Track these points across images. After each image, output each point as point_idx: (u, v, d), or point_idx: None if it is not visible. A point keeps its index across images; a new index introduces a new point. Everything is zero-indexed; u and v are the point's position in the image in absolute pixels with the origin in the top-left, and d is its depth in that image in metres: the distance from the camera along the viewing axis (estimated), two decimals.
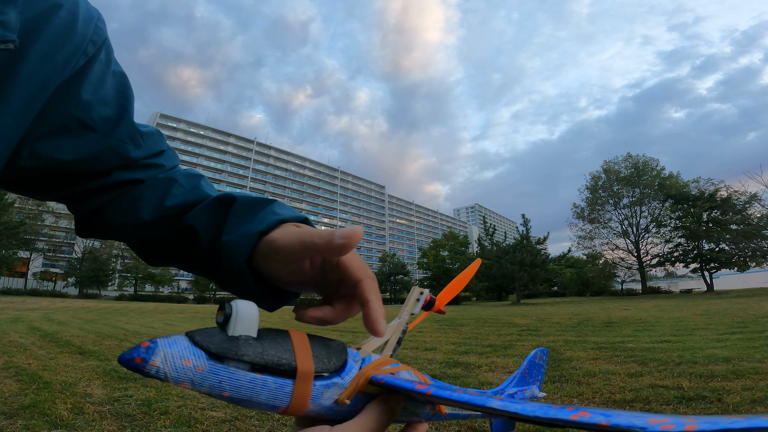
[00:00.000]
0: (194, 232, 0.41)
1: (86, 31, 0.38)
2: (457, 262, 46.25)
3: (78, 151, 0.41)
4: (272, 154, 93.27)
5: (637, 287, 37.31)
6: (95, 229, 0.48)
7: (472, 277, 0.67)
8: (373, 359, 0.36)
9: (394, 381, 0.32)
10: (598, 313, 11.75)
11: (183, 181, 0.47)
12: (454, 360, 4.63)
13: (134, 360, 0.24)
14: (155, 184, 0.46)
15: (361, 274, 0.36)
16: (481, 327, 8.63)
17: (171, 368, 0.25)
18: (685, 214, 31.12)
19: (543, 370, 0.87)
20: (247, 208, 0.40)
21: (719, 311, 9.95)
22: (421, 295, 0.49)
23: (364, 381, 0.32)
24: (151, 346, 0.25)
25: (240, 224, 0.38)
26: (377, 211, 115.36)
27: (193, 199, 0.45)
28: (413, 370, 0.40)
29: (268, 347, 0.28)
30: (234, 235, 0.37)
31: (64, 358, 4.80)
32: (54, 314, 13.35)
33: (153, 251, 0.48)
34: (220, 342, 0.27)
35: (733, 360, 3.80)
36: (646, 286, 34.43)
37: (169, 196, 0.45)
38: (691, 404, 2.64)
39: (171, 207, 0.44)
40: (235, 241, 0.37)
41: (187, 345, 0.26)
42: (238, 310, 0.28)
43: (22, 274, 46.13)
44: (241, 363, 0.27)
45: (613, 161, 38.24)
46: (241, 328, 0.28)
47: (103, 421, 2.53)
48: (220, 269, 0.39)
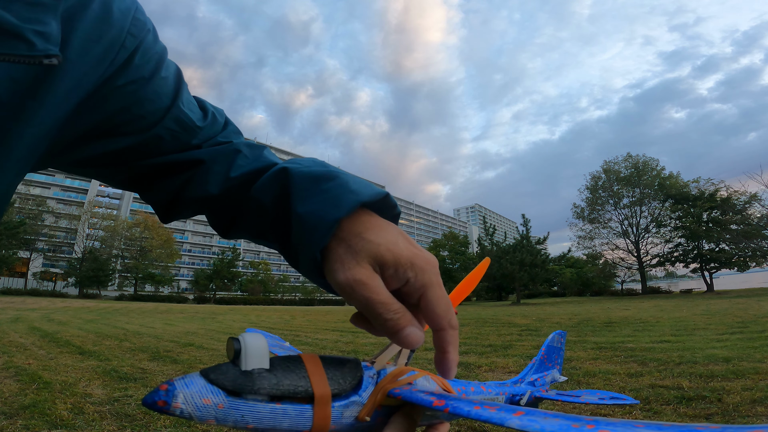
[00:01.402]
0: (261, 206, 0.39)
1: (123, 24, 0.36)
2: (457, 262, 46.24)
3: (120, 143, 0.40)
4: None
5: (637, 287, 37.31)
6: (175, 213, 0.48)
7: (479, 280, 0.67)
8: (389, 371, 0.36)
9: (411, 396, 0.32)
10: (598, 313, 11.75)
11: (247, 152, 0.45)
12: None
13: (157, 404, 0.25)
14: (219, 158, 0.45)
15: (445, 323, 0.33)
16: (481, 327, 8.63)
17: (193, 408, 0.26)
18: (685, 214, 31.12)
19: (562, 353, 0.87)
20: (312, 181, 0.35)
21: (719, 311, 9.95)
22: None
23: (382, 395, 0.33)
24: (170, 388, 0.25)
25: (311, 200, 0.34)
26: None
27: (257, 167, 0.43)
28: (431, 375, 0.40)
29: (282, 377, 0.29)
30: (306, 209, 0.33)
31: (64, 358, 4.80)
32: (54, 314, 13.35)
33: (227, 224, 0.47)
34: (235, 378, 0.27)
35: (733, 360, 3.80)
36: (646, 286, 34.43)
37: (234, 166, 0.43)
38: (691, 404, 2.64)
39: (237, 177, 0.42)
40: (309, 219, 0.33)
41: (204, 384, 0.27)
42: (247, 345, 0.28)
43: (22, 274, 46.12)
44: (259, 395, 0.28)
45: (613, 161, 38.27)
46: (253, 362, 0.28)
47: (103, 421, 2.53)
48: (290, 245, 0.36)
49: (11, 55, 0.26)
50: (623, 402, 0.71)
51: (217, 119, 0.49)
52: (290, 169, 0.37)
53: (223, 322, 11.43)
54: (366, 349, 5.71)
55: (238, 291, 52.97)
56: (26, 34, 0.27)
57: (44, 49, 0.28)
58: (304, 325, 10.76)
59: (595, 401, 0.71)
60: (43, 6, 0.28)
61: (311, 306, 37.20)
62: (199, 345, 6.24)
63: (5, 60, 0.26)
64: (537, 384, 0.72)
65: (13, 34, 0.26)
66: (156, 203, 0.48)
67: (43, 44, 0.28)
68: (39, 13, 0.28)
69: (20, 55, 0.27)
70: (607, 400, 0.71)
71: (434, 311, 0.33)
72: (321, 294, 62.76)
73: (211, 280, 47.44)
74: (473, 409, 0.29)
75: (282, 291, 57.56)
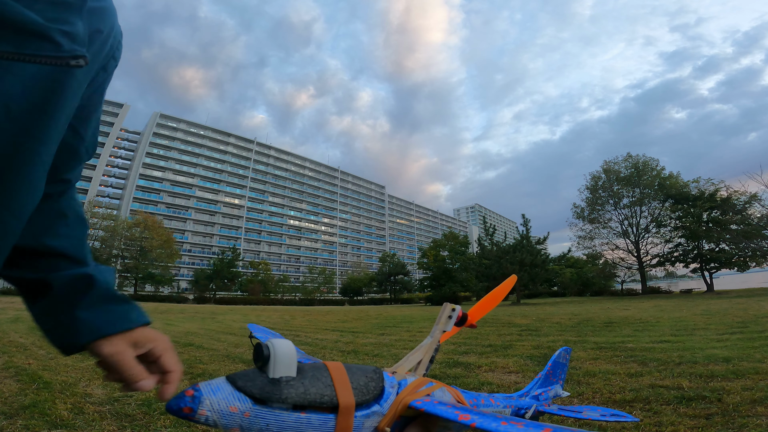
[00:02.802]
0: (49, 289, 0.43)
1: (113, 45, 0.36)
2: (457, 262, 46.23)
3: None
4: (272, 154, 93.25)
5: (637, 287, 37.30)
6: None
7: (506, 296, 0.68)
8: (409, 382, 0.37)
9: (435, 409, 0.33)
10: (598, 313, 11.75)
11: (72, 225, 0.46)
12: (455, 360, 4.63)
13: (183, 410, 0.26)
14: (47, 210, 0.43)
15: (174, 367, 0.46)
16: (481, 327, 8.62)
17: (219, 416, 0.26)
18: (685, 214, 31.11)
19: (566, 369, 0.88)
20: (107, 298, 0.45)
21: (719, 311, 9.95)
22: (453, 312, 0.51)
23: (403, 407, 0.34)
24: (196, 395, 0.26)
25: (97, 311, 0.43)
26: (377, 211, 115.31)
27: (72, 254, 0.45)
28: (446, 387, 0.42)
29: (309, 385, 0.29)
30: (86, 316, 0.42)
31: (64, 358, 4.79)
32: None
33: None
34: (263, 386, 0.28)
35: (733, 360, 3.80)
36: (646, 286, 34.42)
37: (50, 233, 0.43)
38: (691, 404, 2.64)
39: (48, 246, 0.43)
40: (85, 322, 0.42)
41: (231, 391, 0.27)
42: (276, 352, 0.28)
43: None
44: (285, 404, 0.28)
45: (613, 161, 38.26)
46: (281, 370, 0.28)
47: (103, 421, 2.53)
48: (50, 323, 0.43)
49: (37, 56, 0.26)
50: (623, 420, 0.73)
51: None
52: (96, 280, 0.44)
53: (223, 322, 11.43)
54: (366, 349, 5.71)
55: (238, 291, 52.95)
56: (52, 34, 0.26)
57: (71, 49, 0.27)
58: (304, 325, 10.76)
59: (596, 417, 0.71)
60: (68, 5, 0.27)
61: (311, 306, 37.18)
62: (199, 345, 6.24)
63: (31, 61, 0.25)
64: (541, 398, 0.73)
65: (39, 34, 0.26)
66: None
67: (70, 45, 0.27)
68: (64, 12, 0.27)
69: (46, 56, 0.26)
70: (609, 417, 0.72)
71: (168, 361, 0.45)
72: (321, 294, 62.72)
73: (211, 280, 47.45)
74: (500, 425, 0.29)
75: (282, 291, 57.55)
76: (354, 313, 17.35)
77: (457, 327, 0.52)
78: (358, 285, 63.17)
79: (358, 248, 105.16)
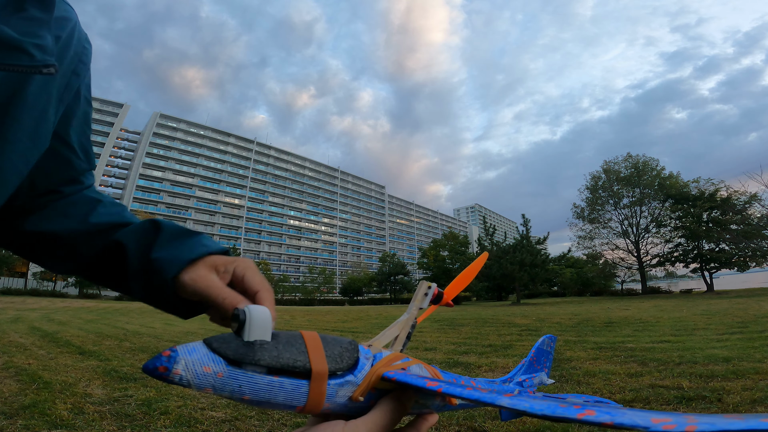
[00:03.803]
0: (122, 248, 0.43)
1: (77, 51, 0.39)
2: (457, 262, 46.23)
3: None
4: (272, 154, 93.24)
5: (637, 287, 37.28)
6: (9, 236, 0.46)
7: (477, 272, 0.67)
8: (384, 355, 0.38)
9: (405, 378, 0.33)
10: (598, 313, 11.75)
11: (108, 204, 0.49)
12: (455, 360, 4.63)
13: (158, 369, 0.25)
14: (80, 201, 0.47)
15: (261, 286, 0.41)
16: (481, 327, 8.62)
17: (193, 375, 0.26)
18: (685, 214, 31.10)
19: (551, 357, 0.88)
20: (176, 235, 0.44)
21: (719, 311, 9.94)
22: (429, 290, 0.51)
23: (377, 378, 0.34)
24: (172, 354, 0.26)
25: (170, 247, 0.42)
26: (377, 211, 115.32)
27: (119, 221, 0.47)
28: (423, 364, 0.41)
29: (283, 350, 0.29)
30: (163, 255, 0.41)
31: (64, 358, 4.79)
32: (54, 314, 13.35)
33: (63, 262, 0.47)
34: (237, 348, 0.28)
35: (733, 360, 3.80)
36: (646, 286, 34.41)
37: (94, 213, 0.46)
38: (691, 404, 2.64)
39: (96, 224, 0.46)
40: (164, 260, 0.41)
41: (206, 352, 0.27)
42: (251, 316, 0.29)
43: (22, 273, 46.11)
44: (259, 367, 0.28)
45: (613, 161, 38.23)
46: (256, 333, 0.29)
47: (103, 421, 2.53)
48: (141, 283, 0.43)
49: (17, 66, 0.30)
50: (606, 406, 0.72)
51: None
52: (162, 223, 0.45)
53: None
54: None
55: None
56: (27, 47, 0.30)
57: (42, 60, 0.31)
58: (304, 325, 10.77)
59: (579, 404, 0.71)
60: (38, 21, 0.32)
61: (311, 306, 37.18)
62: None
63: (13, 70, 0.30)
64: (525, 384, 0.73)
65: (17, 47, 0.30)
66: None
67: (42, 55, 0.31)
68: (35, 27, 0.31)
69: (24, 65, 0.30)
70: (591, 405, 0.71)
71: (253, 279, 0.41)
72: (321, 294, 62.70)
73: None
74: (465, 390, 0.30)
75: (282, 291, 57.53)
76: (354, 313, 17.35)
77: (434, 305, 0.52)
78: (358, 285, 63.13)
79: (358, 248, 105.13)
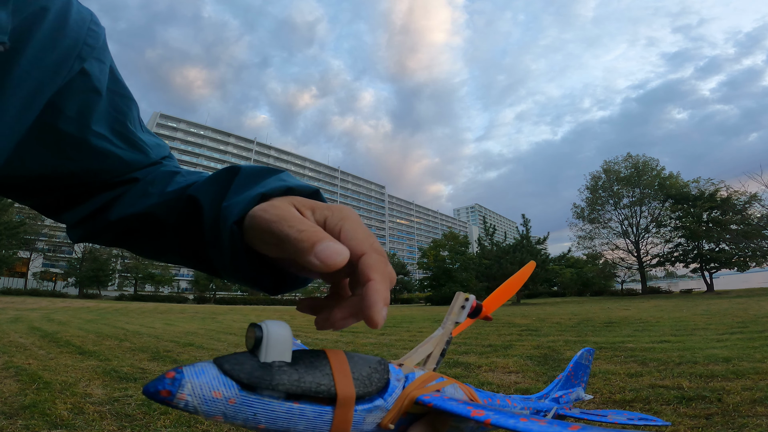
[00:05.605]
0: (197, 205, 0.36)
1: (79, 34, 0.36)
2: (457, 262, 46.22)
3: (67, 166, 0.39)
4: (272, 154, 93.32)
5: (637, 287, 37.26)
6: (93, 232, 0.44)
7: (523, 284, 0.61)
8: (417, 376, 0.33)
9: (444, 404, 0.29)
10: (598, 313, 11.75)
11: (186, 173, 0.45)
12: (455, 360, 4.63)
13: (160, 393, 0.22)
14: (156, 178, 0.44)
15: (365, 246, 0.27)
16: (481, 327, 8.62)
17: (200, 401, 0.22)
18: (685, 214, 31.10)
19: (588, 371, 0.83)
20: (252, 176, 0.35)
21: (719, 311, 9.94)
22: (467, 302, 0.46)
23: (409, 402, 0.30)
24: (177, 377, 0.22)
25: (243, 191, 0.33)
26: (377, 212, 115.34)
27: (195, 180, 0.42)
28: (458, 383, 0.38)
29: (305, 373, 0.25)
30: (234, 200, 0.32)
31: (64, 358, 4.79)
32: (54, 314, 13.35)
33: (155, 243, 0.43)
34: (252, 370, 0.24)
35: (733, 360, 3.80)
36: (646, 286, 34.40)
37: (171, 183, 0.42)
38: (691, 404, 2.64)
39: (172, 191, 0.40)
40: (233, 204, 0.32)
41: (216, 374, 0.23)
42: (269, 333, 0.25)
43: (22, 274, 46.11)
44: (276, 392, 0.25)
45: (613, 161, 38.24)
46: (274, 354, 0.25)
47: (103, 421, 2.53)
48: (216, 247, 0.33)
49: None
50: (653, 423, 0.67)
51: (162, 146, 0.49)
52: (240, 167, 0.36)
53: (223, 322, 11.43)
54: (366, 349, 5.71)
55: (238, 291, 52.89)
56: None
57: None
58: (304, 325, 10.74)
59: (623, 421, 0.66)
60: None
61: None
62: (199, 345, 6.24)
63: None
64: (561, 401, 0.69)
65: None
66: (73, 222, 0.45)
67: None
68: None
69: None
70: (636, 421, 0.67)
71: (353, 236, 0.28)
72: (321, 294, 62.57)
73: (211, 280, 47.40)
74: (519, 422, 0.26)
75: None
76: None
77: (471, 319, 0.47)
78: None
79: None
